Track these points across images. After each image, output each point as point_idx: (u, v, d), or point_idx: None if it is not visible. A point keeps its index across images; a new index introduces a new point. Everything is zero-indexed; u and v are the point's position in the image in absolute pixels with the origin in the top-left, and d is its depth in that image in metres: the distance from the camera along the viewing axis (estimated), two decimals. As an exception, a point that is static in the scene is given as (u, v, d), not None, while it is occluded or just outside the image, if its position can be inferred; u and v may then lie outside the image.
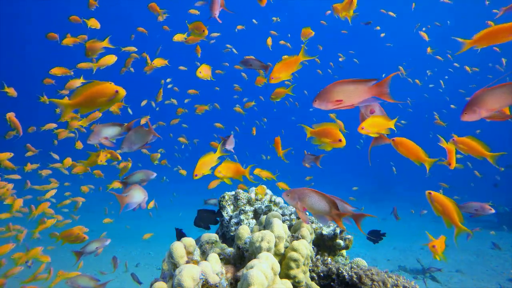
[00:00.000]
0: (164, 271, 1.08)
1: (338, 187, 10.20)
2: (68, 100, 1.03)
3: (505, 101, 1.03)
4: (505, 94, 1.02)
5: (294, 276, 0.97)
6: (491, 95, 1.04)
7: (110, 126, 1.46)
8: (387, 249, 5.05)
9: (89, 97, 1.02)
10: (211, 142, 3.02)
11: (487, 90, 1.04)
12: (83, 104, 1.03)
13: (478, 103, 1.05)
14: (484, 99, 1.05)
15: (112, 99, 1.03)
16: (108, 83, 1.03)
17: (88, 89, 1.02)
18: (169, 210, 6.66)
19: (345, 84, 1.05)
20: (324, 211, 1.04)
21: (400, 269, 4.24)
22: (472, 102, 1.06)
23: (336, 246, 1.38)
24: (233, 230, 1.51)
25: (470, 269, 4.16)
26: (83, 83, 1.07)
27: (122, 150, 1.32)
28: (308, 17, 15.22)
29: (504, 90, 1.02)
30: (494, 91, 1.04)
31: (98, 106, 1.05)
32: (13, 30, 19.11)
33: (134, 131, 1.34)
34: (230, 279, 0.91)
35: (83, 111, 1.06)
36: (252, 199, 1.63)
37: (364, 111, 1.19)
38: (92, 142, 1.44)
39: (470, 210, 1.41)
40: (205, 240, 1.13)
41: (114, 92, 1.02)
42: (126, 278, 3.57)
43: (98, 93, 1.02)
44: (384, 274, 1.01)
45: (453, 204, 1.17)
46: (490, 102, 1.04)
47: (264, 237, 0.94)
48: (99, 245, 1.68)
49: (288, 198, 1.08)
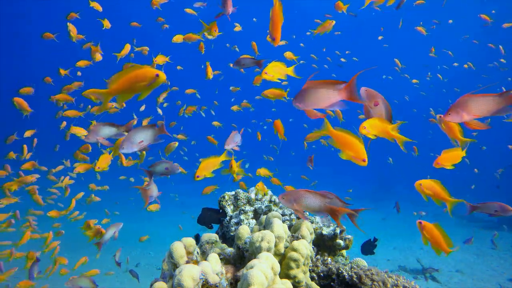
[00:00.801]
0: (164, 271, 1.08)
1: (339, 188, 10.21)
2: (105, 89, 0.98)
3: (487, 111, 1.06)
4: (489, 104, 1.05)
5: (294, 276, 0.97)
6: (476, 102, 1.06)
7: (109, 125, 1.45)
8: (387, 249, 5.05)
9: (128, 83, 0.97)
10: (208, 137, 3.01)
11: (473, 96, 1.07)
12: (122, 91, 0.98)
13: (462, 106, 1.08)
14: (468, 104, 1.07)
15: (152, 84, 0.97)
16: (147, 66, 0.98)
17: (126, 74, 0.97)
18: (169, 210, 6.66)
19: (316, 86, 1.05)
20: (321, 209, 1.06)
21: (400, 269, 4.24)
22: (457, 105, 1.08)
23: (336, 246, 1.38)
24: (233, 230, 1.51)
25: (470, 269, 4.16)
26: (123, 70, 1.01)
27: (121, 150, 1.30)
28: (305, 16, 15.20)
29: (488, 100, 1.05)
30: (480, 99, 1.06)
31: (137, 91, 0.99)
32: (13, 30, 19.10)
33: (136, 130, 1.31)
34: (230, 279, 0.91)
35: (122, 99, 1.00)
36: (252, 199, 1.63)
37: (368, 103, 1.18)
38: (90, 140, 1.43)
39: (490, 211, 1.36)
40: (205, 240, 1.13)
41: (154, 75, 0.96)
42: (126, 278, 3.57)
43: (137, 78, 0.96)
44: (384, 274, 1.01)
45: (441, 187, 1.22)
46: (474, 108, 1.07)
47: (264, 237, 0.94)
48: (115, 230, 1.81)
49: (284, 201, 1.10)
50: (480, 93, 1.07)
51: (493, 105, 1.05)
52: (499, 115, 1.08)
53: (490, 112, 1.06)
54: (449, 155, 1.32)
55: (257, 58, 1.87)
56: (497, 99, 1.04)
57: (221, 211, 1.64)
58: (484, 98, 1.05)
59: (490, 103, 1.05)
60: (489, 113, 1.06)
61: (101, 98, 0.99)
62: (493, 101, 1.04)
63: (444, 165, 1.31)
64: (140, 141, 1.27)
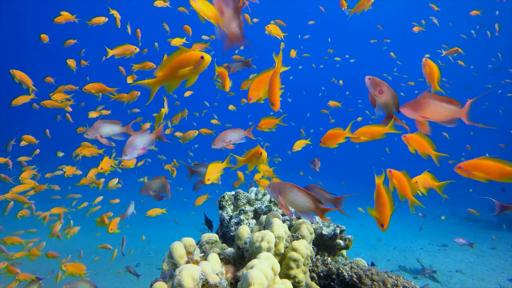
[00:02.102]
0: (164, 271, 1.08)
1: (339, 189, 10.21)
2: (152, 79, 0.94)
3: (441, 117, 1.04)
4: (445, 111, 1.03)
5: (294, 276, 0.97)
6: (434, 104, 1.05)
7: (110, 123, 1.45)
8: (387, 249, 5.05)
9: (173, 69, 0.93)
10: (202, 129, 2.99)
11: (436, 97, 1.05)
12: (168, 78, 0.94)
13: (420, 104, 1.06)
14: (426, 104, 1.05)
15: (198, 67, 0.93)
16: (192, 50, 0.94)
17: (171, 61, 0.93)
18: (169, 210, 6.65)
19: (439, 99, 1.05)
20: (306, 206, 1.05)
21: (400, 269, 4.23)
22: (417, 100, 1.07)
23: (336, 246, 1.38)
24: (233, 230, 1.51)
25: (470, 269, 4.16)
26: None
27: (124, 157, 1.30)
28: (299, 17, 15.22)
29: (448, 108, 1.03)
30: (440, 103, 1.04)
31: (184, 77, 0.95)
32: (13, 30, 19.10)
33: (136, 136, 1.32)
34: (230, 279, 0.91)
35: (170, 87, 0.97)
36: (252, 199, 1.63)
37: (373, 91, 1.18)
38: (90, 137, 1.43)
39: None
40: (205, 240, 1.13)
41: (199, 58, 0.92)
42: (126, 278, 3.57)
43: (182, 62, 0.92)
44: (384, 274, 1.01)
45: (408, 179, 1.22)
46: (430, 110, 1.05)
47: (264, 237, 0.94)
48: (131, 209, 2.10)
49: (270, 190, 1.09)
50: (442, 96, 1.05)
51: (447, 114, 1.03)
52: (444, 125, 1.06)
53: (440, 119, 1.04)
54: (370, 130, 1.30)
55: (245, 58, 1.86)
56: (454, 109, 1.02)
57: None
58: (445, 103, 1.04)
59: (447, 110, 1.03)
60: (439, 120, 1.05)
61: (148, 88, 0.95)
62: (451, 110, 1.03)
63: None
64: (143, 147, 1.30)
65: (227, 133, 1.49)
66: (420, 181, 1.30)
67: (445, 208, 7.49)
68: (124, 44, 2.26)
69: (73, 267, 2.09)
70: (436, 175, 1.31)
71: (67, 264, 2.06)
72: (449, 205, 8.09)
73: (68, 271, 2.05)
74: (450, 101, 1.03)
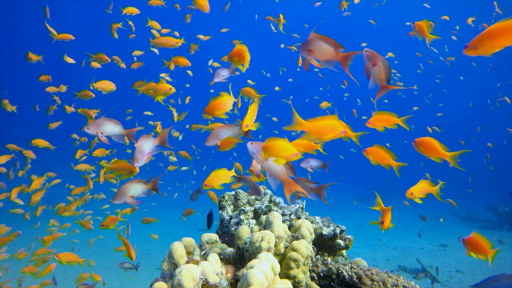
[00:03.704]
0: (164, 271, 1.08)
1: (340, 189, 10.21)
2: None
3: (322, 54, 1.10)
4: (327, 52, 1.08)
5: (294, 276, 0.97)
6: (318, 41, 1.09)
7: (113, 122, 1.42)
8: (387, 249, 5.05)
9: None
10: (193, 125, 2.98)
11: (321, 36, 1.09)
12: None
13: (308, 41, 1.11)
14: (312, 40, 1.10)
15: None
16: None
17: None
18: (169, 210, 6.66)
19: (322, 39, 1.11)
20: (279, 175, 1.05)
21: (400, 269, 4.23)
22: (307, 39, 1.11)
23: (336, 246, 1.38)
24: (233, 230, 1.51)
25: (470, 269, 4.16)
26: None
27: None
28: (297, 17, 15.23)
29: (329, 48, 1.08)
30: (322, 42, 1.09)
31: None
32: (13, 30, 19.09)
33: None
34: (230, 279, 0.91)
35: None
36: (252, 199, 1.63)
37: (368, 63, 1.19)
38: (90, 132, 1.40)
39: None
40: (205, 240, 1.13)
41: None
42: (126, 278, 3.57)
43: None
44: (384, 274, 1.01)
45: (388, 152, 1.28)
46: (314, 45, 1.10)
47: (264, 237, 0.94)
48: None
49: (250, 147, 1.09)
50: (328, 37, 1.09)
51: (326, 52, 1.08)
52: (324, 66, 1.13)
53: (321, 57, 1.09)
54: (383, 117, 1.32)
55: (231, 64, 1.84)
56: (333, 51, 1.08)
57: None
58: (326, 43, 1.08)
59: (329, 51, 1.08)
60: (320, 58, 1.10)
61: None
62: (330, 50, 1.08)
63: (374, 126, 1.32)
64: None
65: (221, 130, 1.38)
66: (415, 192, 1.32)
67: (445, 208, 7.49)
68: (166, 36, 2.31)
69: (67, 256, 2.10)
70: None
71: (59, 254, 2.07)
72: (449, 205, 8.08)
73: (62, 260, 2.05)
74: (332, 42, 1.09)
